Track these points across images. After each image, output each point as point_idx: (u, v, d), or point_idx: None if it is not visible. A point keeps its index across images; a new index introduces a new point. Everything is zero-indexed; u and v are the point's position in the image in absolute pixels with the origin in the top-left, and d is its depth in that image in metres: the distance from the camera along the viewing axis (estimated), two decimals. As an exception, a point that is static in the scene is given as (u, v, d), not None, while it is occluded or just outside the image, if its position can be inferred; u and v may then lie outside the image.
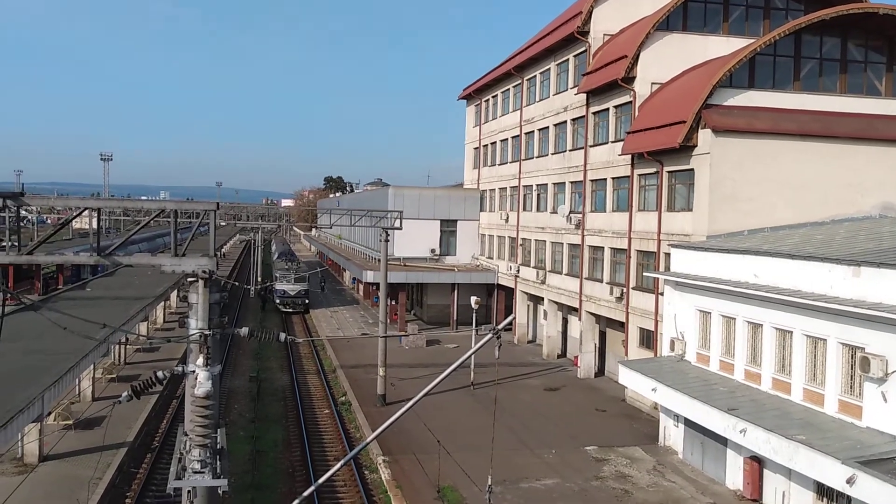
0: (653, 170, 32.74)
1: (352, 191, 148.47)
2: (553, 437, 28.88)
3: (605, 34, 39.35)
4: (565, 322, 44.10)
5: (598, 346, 39.50)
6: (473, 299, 36.99)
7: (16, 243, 10.87)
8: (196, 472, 8.08)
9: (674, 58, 34.09)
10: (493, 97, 54.60)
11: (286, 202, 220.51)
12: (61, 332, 17.81)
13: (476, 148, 57.94)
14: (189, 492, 8.11)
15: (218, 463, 8.29)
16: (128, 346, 39.02)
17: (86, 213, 12.16)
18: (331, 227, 56.94)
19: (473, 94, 57.85)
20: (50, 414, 25.48)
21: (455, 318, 52.43)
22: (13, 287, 53.98)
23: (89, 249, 49.28)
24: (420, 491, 23.00)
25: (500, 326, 8.56)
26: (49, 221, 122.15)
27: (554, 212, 42.73)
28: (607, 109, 37.31)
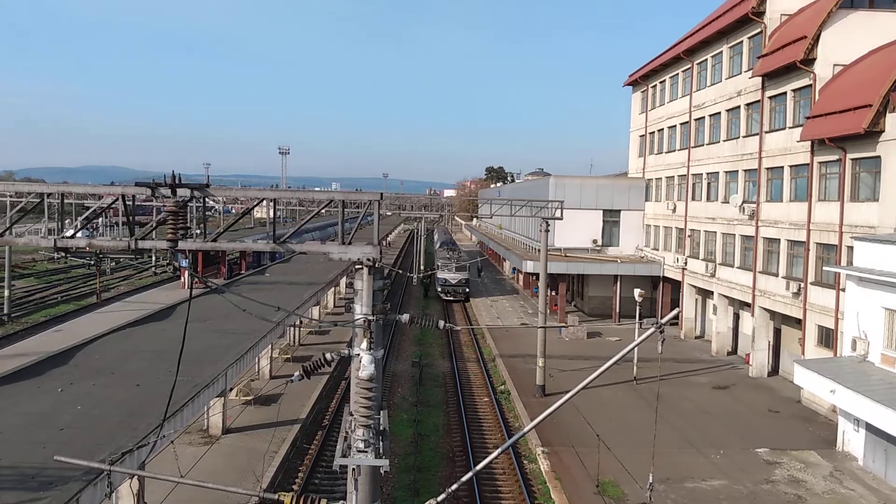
0: (835, 157, 30.50)
1: (513, 181, 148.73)
2: (720, 437, 27.68)
3: (782, 14, 37.06)
4: (736, 317, 42.06)
5: (771, 343, 37.40)
6: (637, 291, 36.01)
7: (203, 231, 11.75)
8: (360, 452, 8.39)
9: (858, 37, 31.59)
10: (660, 83, 52.78)
11: (448, 192, 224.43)
12: (243, 314, 19.16)
13: (642, 135, 56.30)
14: (353, 469, 8.43)
15: (380, 444, 8.56)
16: (301, 329, 41.20)
17: (264, 202, 12.93)
18: (491, 217, 57.27)
19: (640, 81, 56.19)
20: (232, 390, 27.36)
21: (617, 310, 51.34)
22: (202, 272, 58.58)
23: (267, 237, 52.28)
24: (579, 484, 22.76)
25: (664, 320, 8.25)
26: (233, 211, 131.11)
27: (725, 201, 40.83)
28: (784, 93, 35.17)
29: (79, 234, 11.70)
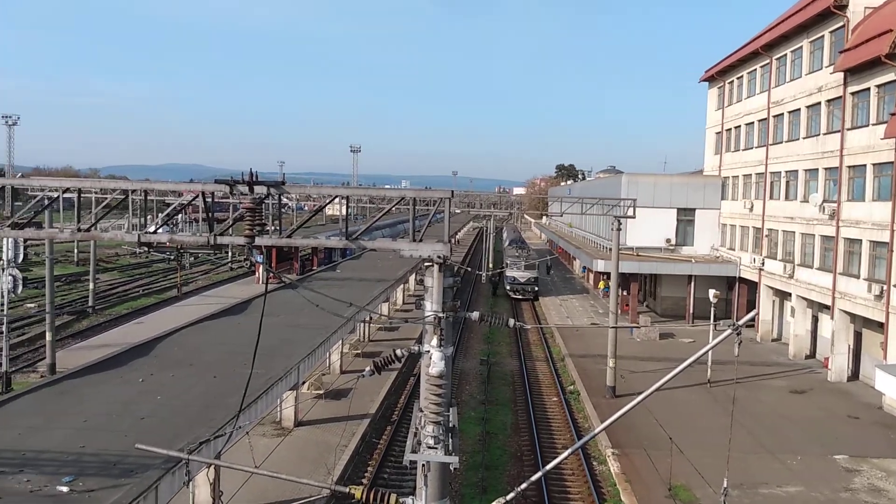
0: (925, 154, 29.16)
1: (584, 178, 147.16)
2: (797, 442, 26.83)
3: (866, 7, 35.61)
4: (815, 320, 40.67)
5: (852, 347, 36.03)
6: (712, 292, 35.16)
7: (278, 228, 12.01)
8: (430, 448, 8.45)
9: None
10: (737, 78, 51.41)
11: (518, 190, 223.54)
12: (314, 309, 19.50)
13: (718, 132, 54.96)
14: (423, 465, 8.49)
15: (450, 440, 8.59)
16: (371, 325, 41.68)
17: (336, 200, 13.13)
18: (561, 216, 56.83)
19: (716, 76, 54.84)
20: (304, 383, 27.88)
21: (691, 311, 50.27)
22: (276, 267, 59.91)
23: (339, 234, 53.29)
24: (650, 487, 22.39)
25: (741, 322, 8.04)
26: (306, 208, 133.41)
27: (805, 200, 39.53)
28: (868, 89, 33.81)
29: (161, 230, 12.11)
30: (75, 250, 78.91)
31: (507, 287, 63.99)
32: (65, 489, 12.29)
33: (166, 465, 12.99)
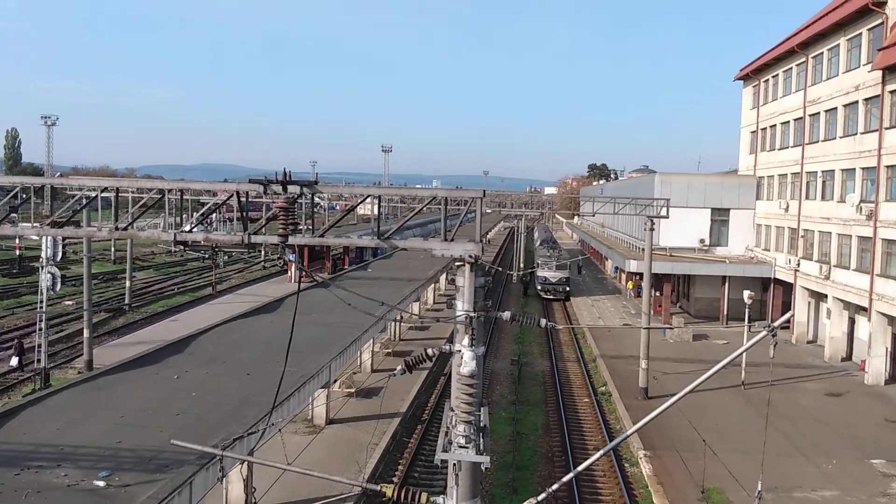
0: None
1: (616, 178, 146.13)
2: (833, 446, 26.39)
3: (906, 3, 34.89)
4: (852, 322, 39.95)
5: (889, 350, 35.33)
6: (746, 293, 34.71)
7: (310, 227, 12.11)
8: (461, 447, 8.46)
9: None
10: (772, 77, 50.68)
11: (549, 190, 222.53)
12: (346, 308, 19.62)
13: (753, 132, 54.22)
14: (454, 465, 8.51)
15: (481, 440, 8.60)
16: (402, 324, 41.81)
17: (368, 199, 13.20)
18: (593, 215, 56.44)
19: (751, 75, 54.11)
20: (336, 381, 28.04)
21: (725, 312, 49.66)
22: (308, 266, 60.34)
23: (370, 233, 53.34)
24: (682, 490, 22.18)
25: (776, 324, 7.93)
26: (337, 207, 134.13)
27: (841, 201, 38.86)
28: (909, 87, 33.10)
29: (196, 229, 12.28)
30: (112, 249, 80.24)
31: (539, 287, 63.77)
32: (101, 483, 12.50)
33: (200, 461, 13.15)
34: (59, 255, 32.93)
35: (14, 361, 33.73)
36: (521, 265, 76.88)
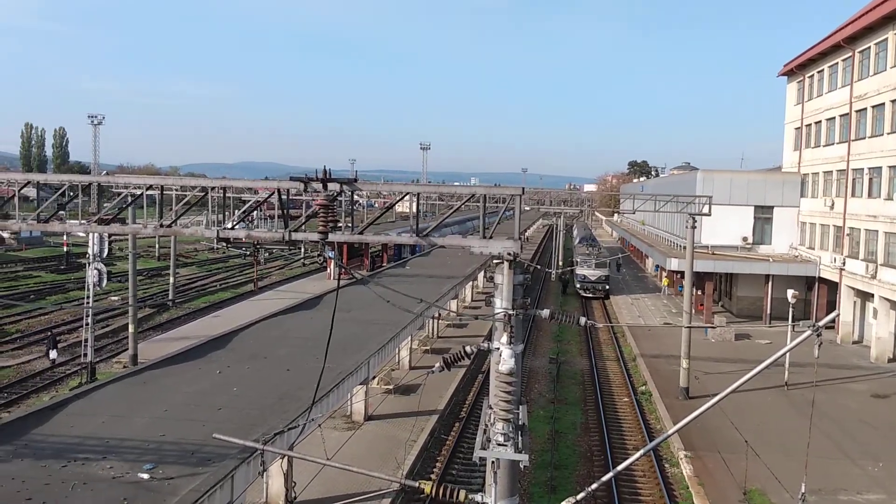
0: None
1: (657, 175, 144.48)
2: (879, 448, 25.79)
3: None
4: (901, 322, 39.01)
5: (942, 352, 34.44)
6: (790, 293, 34.07)
7: (349, 224, 12.18)
8: (499, 445, 8.44)
9: None
10: (818, 72, 49.63)
11: (589, 187, 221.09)
12: (384, 305, 19.71)
13: (797, 128, 53.19)
14: (493, 462, 8.50)
15: (519, 438, 8.57)
16: (440, 321, 41.89)
17: (406, 197, 13.24)
18: (633, 213, 55.94)
19: (795, 70, 53.07)
20: (374, 378, 28.22)
21: (768, 311, 48.82)
22: (347, 263, 60.75)
23: (409, 231, 53.69)
24: (724, 491, 21.87)
25: (821, 323, 7.77)
26: (376, 205, 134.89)
27: (889, 198, 37.98)
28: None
29: (238, 226, 12.43)
30: (156, 246, 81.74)
31: (578, 285, 63.35)
32: (145, 476, 12.74)
33: (242, 455, 13.33)
34: (106, 251, 33.60)
35: (53, 354, 34.64)
36: (560, 263, 76.44)
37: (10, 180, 14.03)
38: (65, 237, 72.75)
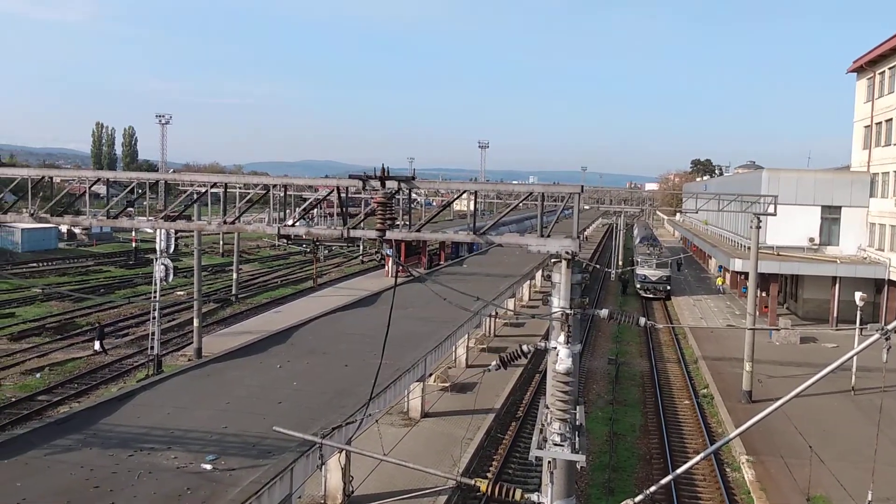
0: None
1: (721, 174, 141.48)
2: (955, 459, 24.77)
3: None
4: (978, 328, 37.37)
5: None
6: (858, 295, 32.99)
7: (407, 222, 12.27)
8: (556, 445, 8.41)
9: None
10: (889, 69, 47.87)
11: (650, 186, 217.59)
12: (441, 303, 19.79)
13: (867, 126, 51.42)
14: (549, 462, 8.47)
15: (577, 439, 8.52)
16: (497, 320, 41.80)
17: (464, 195, 13.27)
18: (696, 212, 54.89)
19: (865, 67, 51.29)
20: (431, 375, 28.33)
21: (835, 314, 47.36)
22: (404, 261, 61.15)
23: (467, 229, 53.67)
24: (786, 497, 21.33)
25: (889, 327, 7.52)
26: (434, 203, 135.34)
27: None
28: None
29: (298, 223, 12.64)
30: (220, 242, 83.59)
31: (638, 286, 62.48)
32: (208, 467, 13.07)
33: (301, 448, 13.56)
34: (172, 247, 34.50)
35: (97, 345, 35.89)
36: (620, 263, 75.49)
37: (82, 178, 14.56)
38: (133, 233, 75.05)
